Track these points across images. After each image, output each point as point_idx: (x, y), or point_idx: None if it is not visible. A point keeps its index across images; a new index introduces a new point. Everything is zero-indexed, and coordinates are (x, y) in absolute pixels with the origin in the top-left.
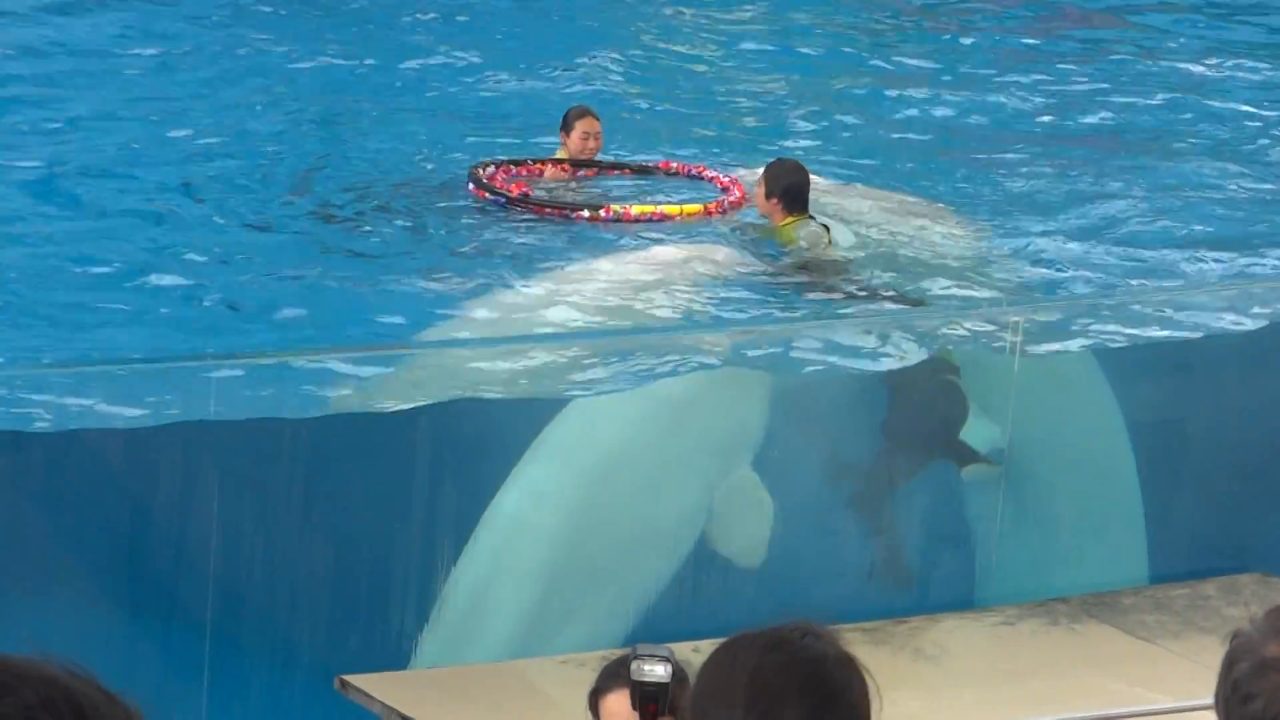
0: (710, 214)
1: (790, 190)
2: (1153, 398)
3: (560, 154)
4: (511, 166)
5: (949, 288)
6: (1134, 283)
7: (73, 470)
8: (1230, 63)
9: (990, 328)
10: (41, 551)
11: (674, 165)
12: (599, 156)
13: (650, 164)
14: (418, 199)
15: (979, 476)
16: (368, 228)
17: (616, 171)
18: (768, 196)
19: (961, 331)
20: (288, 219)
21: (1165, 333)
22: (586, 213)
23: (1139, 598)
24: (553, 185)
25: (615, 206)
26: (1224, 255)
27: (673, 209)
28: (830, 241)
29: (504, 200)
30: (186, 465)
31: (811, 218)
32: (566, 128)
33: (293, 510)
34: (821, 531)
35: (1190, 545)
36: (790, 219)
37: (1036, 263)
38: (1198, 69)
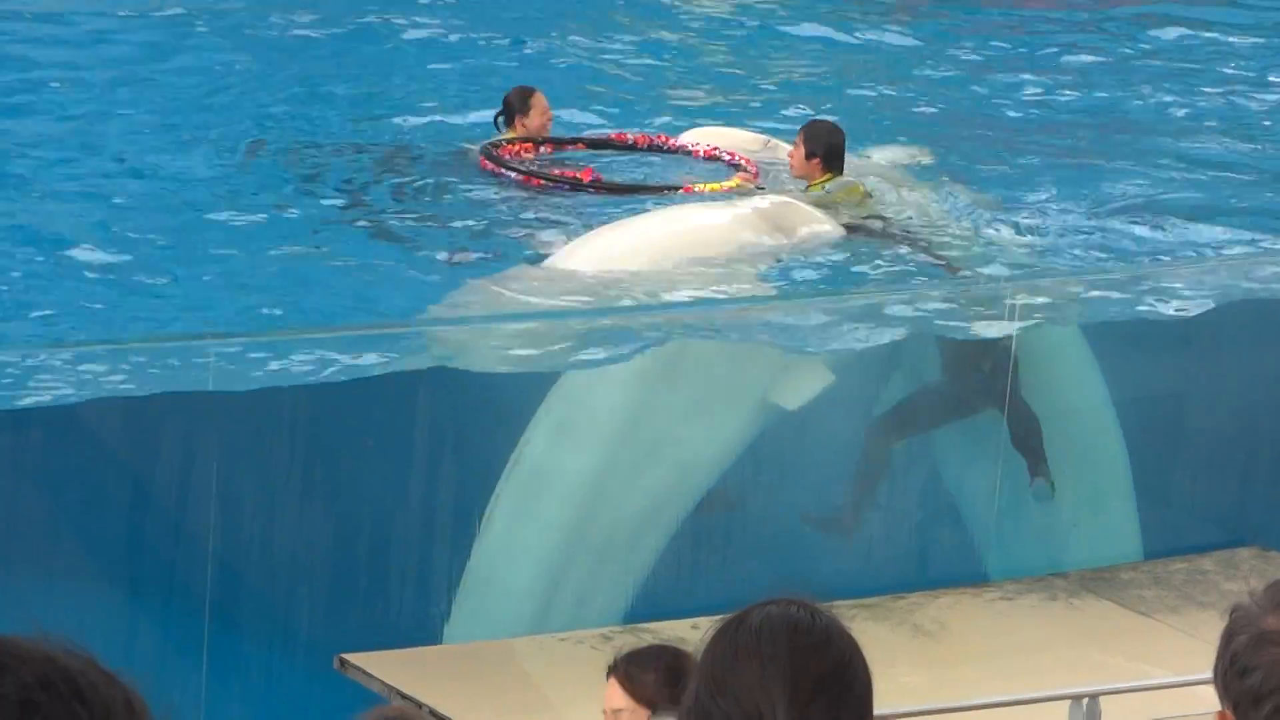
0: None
1: (832, 149)
2: (1145, 374)
3: (511, 134)
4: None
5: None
6: (1121, 262)
7: (71, 447)
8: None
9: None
10: (39, 530)
11: (629, 136)
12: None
13: (605, 136)
14: (420, 174)
15: (1042, 492)
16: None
17: (571, 146)
18: (808, 156)
19: (956, 308)
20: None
21: (1158, 308)
22: (669, 191)
23: (1137, 573)
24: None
25: (696, 185)
26: (1223, 230)
27: (729, 183)
28: (867, 193)
29: (566, 185)
30: (185, 439)
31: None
32: (523, 109)
33: (292, 487)
34: (821, 506)
35: (1188, 520)
36: (825, 177)
37: (1028, 239)
38: (1199, 49)
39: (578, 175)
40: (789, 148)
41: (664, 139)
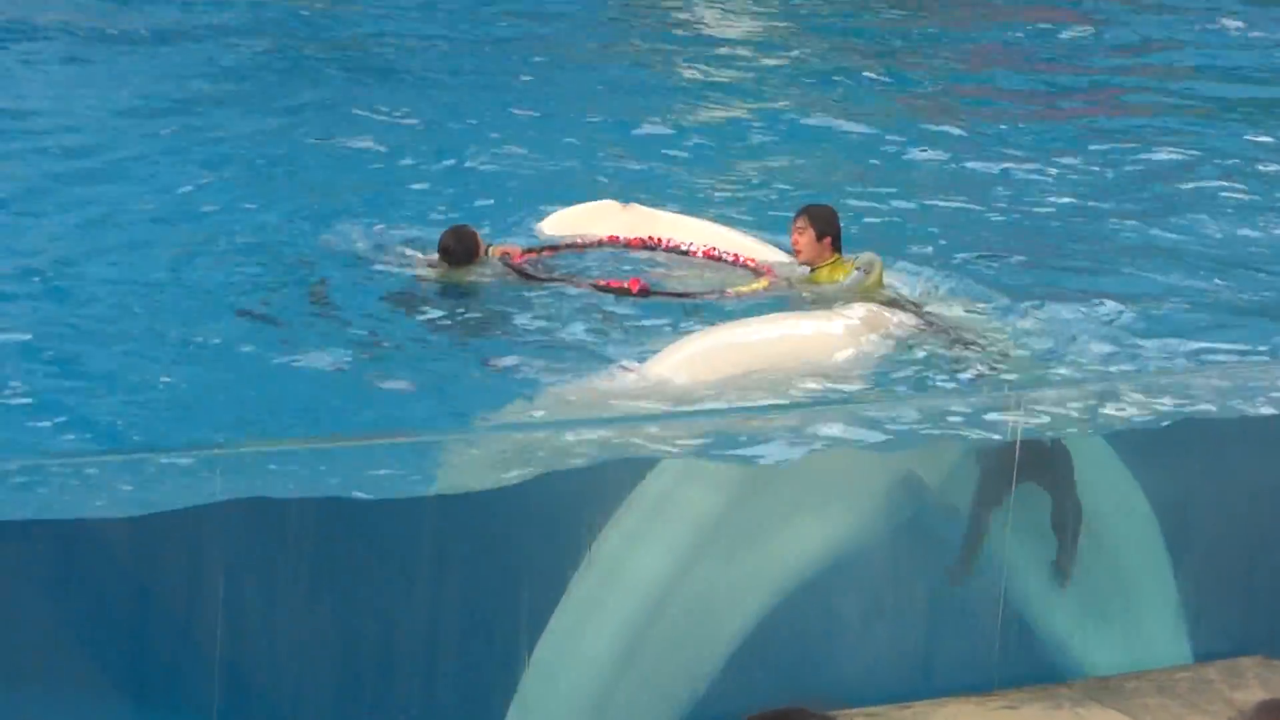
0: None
1: (838, 230)
2: (1155, 479)
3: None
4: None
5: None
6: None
7: (76, 557)
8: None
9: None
10: (45, 641)
11: (620, 238)
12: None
13: (599, 239)
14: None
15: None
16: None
17: (567, 249)
18: (820, 238)
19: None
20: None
21: (1164, 413)
22: (715, 296)
23: (1142, 681)
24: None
25: (738, 289)
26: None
27: (759, 284)
28: (880, 272)
29: (614, 292)
30: (191, 548)
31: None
32: None
33: (299, 596)
34: (824, 614)
35: (1193, 628)
36: (834, 258)
37: (1032, 339)
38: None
39: (625, 285)
40: (649, 210)
41: (656, 240)
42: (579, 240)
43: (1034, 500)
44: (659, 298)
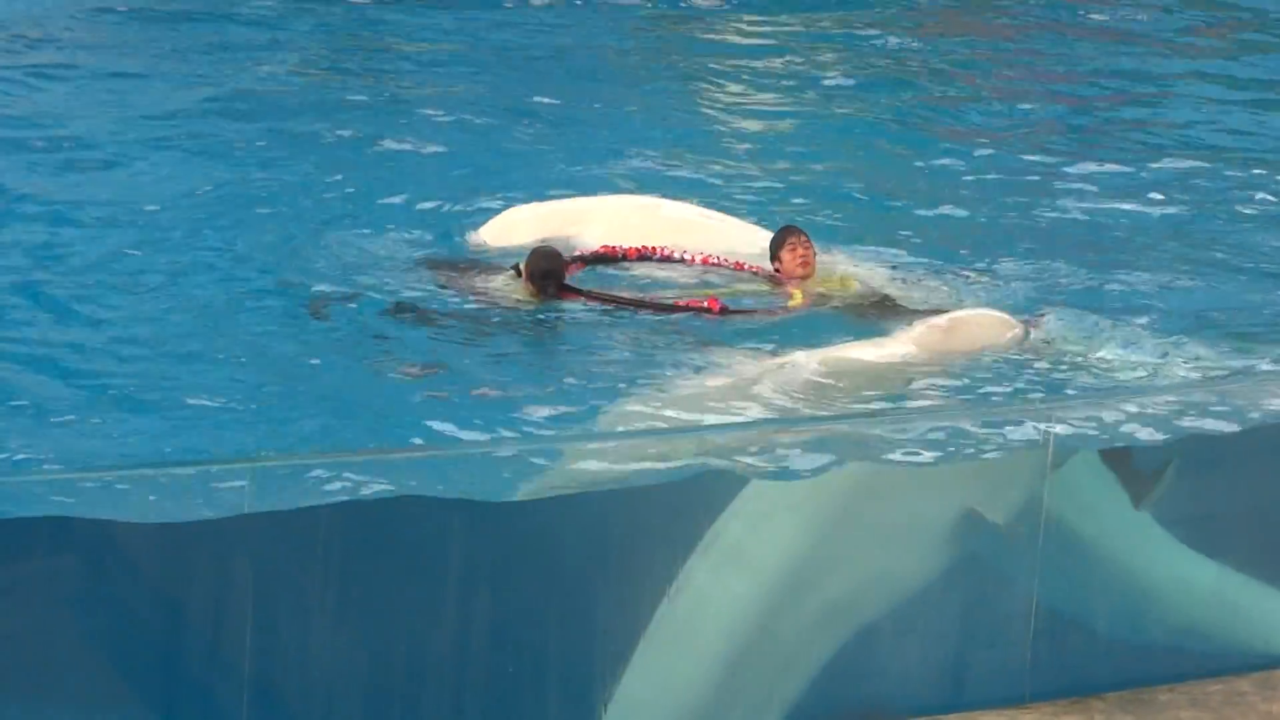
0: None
1: None
2: (1180, 491)
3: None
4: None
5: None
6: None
7: (105, 571)
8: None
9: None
10: (73, 655)
11: (618, 249)
12: None
13: (594, 251)
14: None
15: None
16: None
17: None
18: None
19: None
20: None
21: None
22: (779, 314)
23: (1175, 694)
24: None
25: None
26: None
27: (795, 302)
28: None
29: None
30: (220, 561)
31: None
32: None
33: (328, 610)
34: (861, 628)
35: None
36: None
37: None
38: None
39: (704, 304)
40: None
41: (653, 249)
42: (579, 251)
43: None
44: (735, 316)
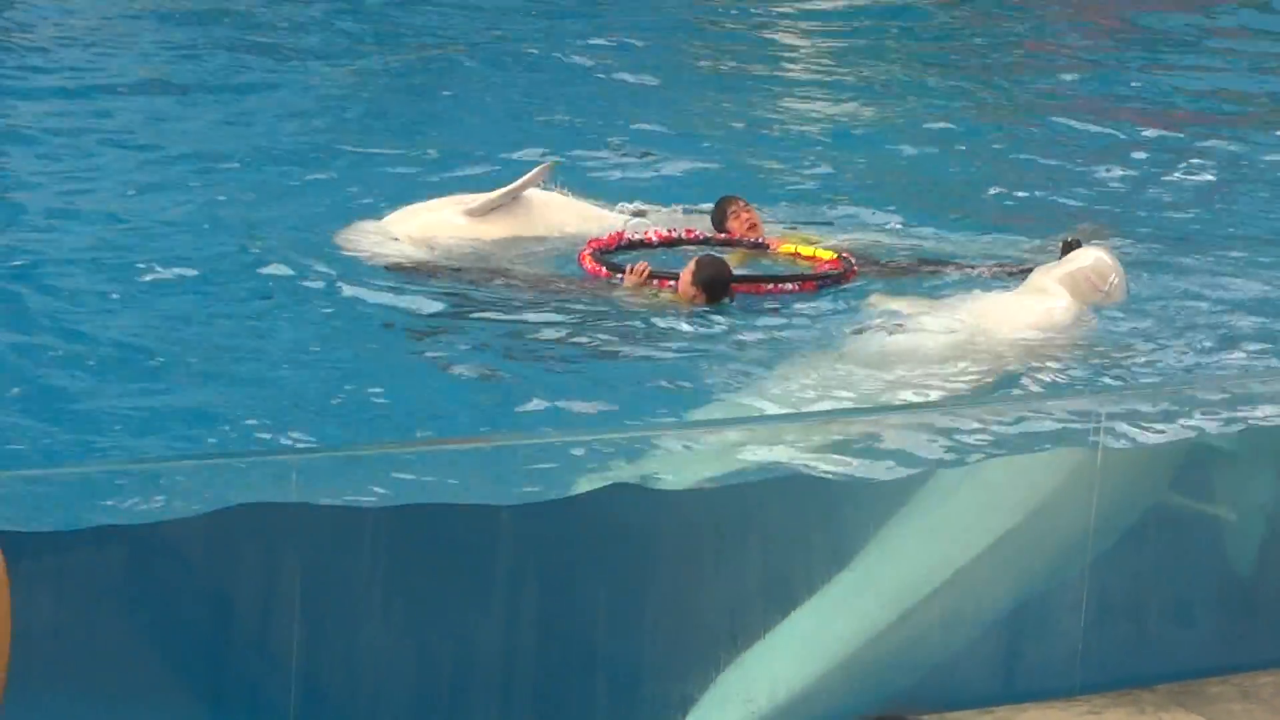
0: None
1: None
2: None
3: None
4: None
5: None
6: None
7: (151, 564)
8: None
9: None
10: (120, 650)
11: (652, 235)
12: None
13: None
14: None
15: None
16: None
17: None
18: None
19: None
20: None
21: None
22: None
23: (1226, 686)
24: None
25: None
26: None
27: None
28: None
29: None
30: (268, 554)
31: None
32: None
33: (375, 604)
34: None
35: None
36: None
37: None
38: None
39: (840, 270)
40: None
41: (678, 233)
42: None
43: None
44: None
